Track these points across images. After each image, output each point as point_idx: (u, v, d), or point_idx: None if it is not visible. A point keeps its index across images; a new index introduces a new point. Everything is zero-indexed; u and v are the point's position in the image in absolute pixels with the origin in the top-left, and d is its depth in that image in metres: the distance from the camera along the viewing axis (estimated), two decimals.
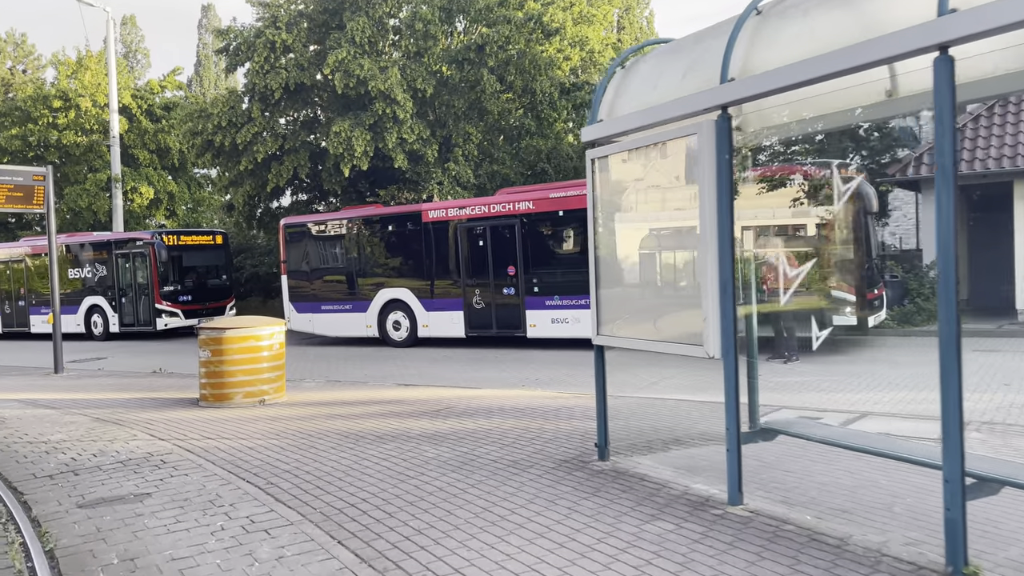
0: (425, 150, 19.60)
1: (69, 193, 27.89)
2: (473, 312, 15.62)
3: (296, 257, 18.28)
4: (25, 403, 10.21)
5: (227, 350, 9.33)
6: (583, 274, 14.66)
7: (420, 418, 8.12)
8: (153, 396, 10.54)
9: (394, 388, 10.68)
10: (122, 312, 21.95)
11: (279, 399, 9.66)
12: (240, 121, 19.63)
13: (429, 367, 13.51)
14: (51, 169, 13.84)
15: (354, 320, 17.32)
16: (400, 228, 16.76)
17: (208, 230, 23.61)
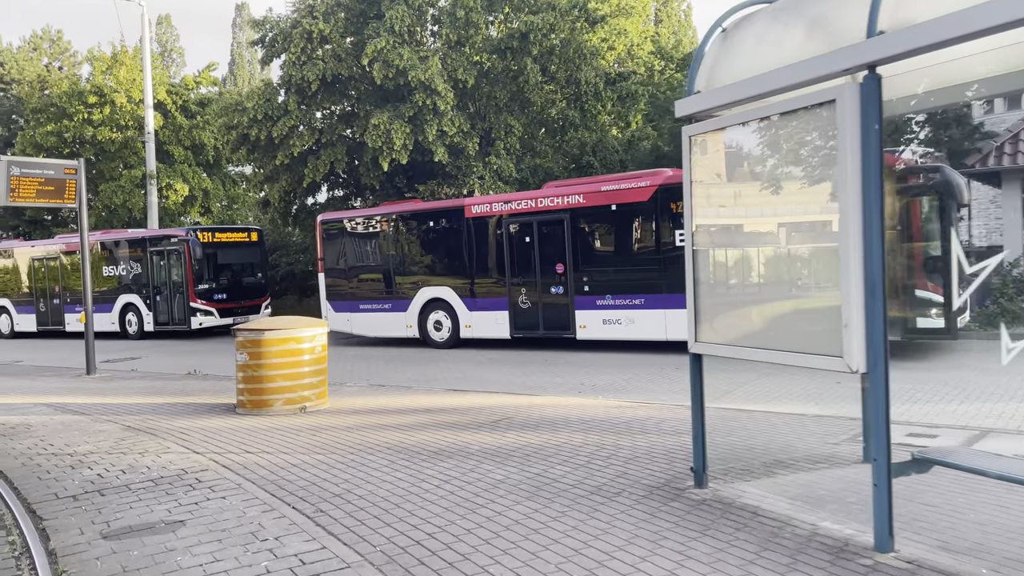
0: (465, 143, 18.87)
1: (104, 190, 27.66)
2: (519, 312, 14.85)
3: (333, 254, 17.65)
4: (54, 408, 9.65)
5: (266, 353, 8.65)
6: (638, 272, 13.86)
7: (478, 430, 7.36)
8: (187, 401, 9.92)
9: (443, 394, 9.94)
10: (156, 311, 21.54)
11: (321, 406, 8.97)
12: (276, 114, 19.07)
13: (475, 370, 12.76)
14: (83, 162, 13.33)
15: (394, 320, 16.64)
16: (441, 224, 16.04)
17: (243, 227, 23.14)
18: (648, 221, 13.32)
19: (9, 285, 24.72)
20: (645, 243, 13.42)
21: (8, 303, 24.63)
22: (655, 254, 13.21)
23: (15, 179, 12.32)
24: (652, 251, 13.30)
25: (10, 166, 12.26)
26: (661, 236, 13.12)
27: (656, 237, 13.20)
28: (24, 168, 12.46)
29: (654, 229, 13.23)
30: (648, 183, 13.20)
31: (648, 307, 13.25)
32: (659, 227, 13.14)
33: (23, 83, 33.10)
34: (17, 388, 11.84)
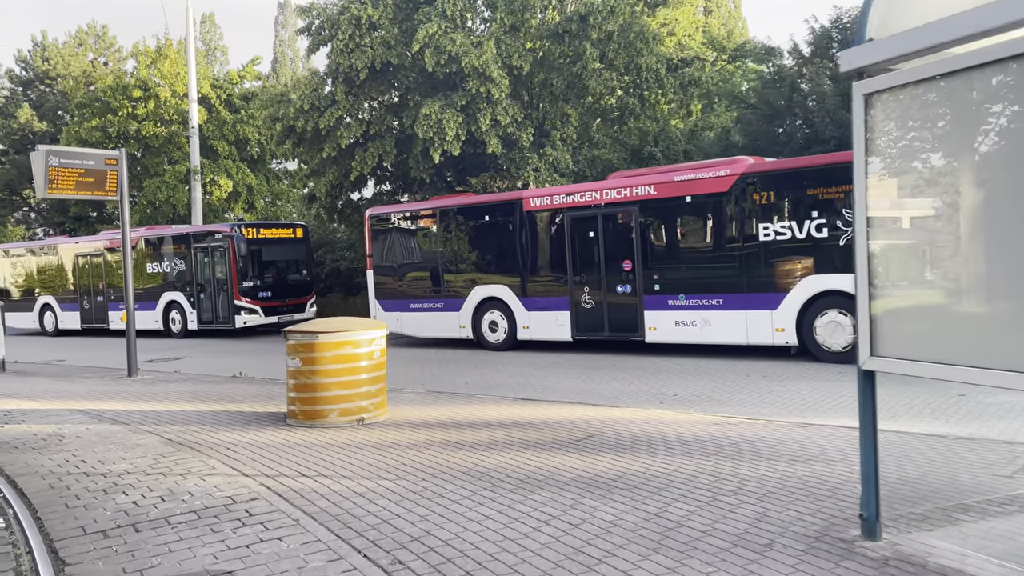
0: (520, 134, 17.89)
1: (148, 186, 27.30)
2: (581, 312, 13.82)
3: (383, 251, 16.81)
4: (91, 415, 8.90)
5: (320, 358, 7.77)
6: (716, 269, 12.70)
7: (564, 450, 6.36)
8: (233, 409, 9.09)
9: (511, 404, 8.97)
10: (200, 309, 20.97)
11: (380, 418, 8.06)
12: (323, 105, 18.29)
13: (537, 375, 11.78)
14: (124, 152, 12.65)
15: (446, 320, 15.73)
16: (497, 218, 15.07)
17: (288, 223, 22.47)
18: (728, 213, 12.19)
19: (53, 282, 24.43)
20: (724, 237, 12.30)
21: (52, 300, 24.35)
22: (735, 250, 12.09)
23: (54, 170, 11.67)
24: (732, 246, 12.17)
25: (48, 156, 11.61)
26: (742, 230, 11.99)
27: (737, 231, 12.08)
28: (63, 158, 11.81)
29: (734, 222, 12.10)
30: (728, 172, 12.08)
31: (727, 308, 12.13)
32: (740, 220, 12.01)
33: (68, 78, 33.00)
34: (55, 391, 11.18)
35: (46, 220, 36.07)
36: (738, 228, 12.05)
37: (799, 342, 11.58)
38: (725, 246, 12.25)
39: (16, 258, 25.64)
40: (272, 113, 19.81)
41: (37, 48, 34.21)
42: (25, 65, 34.64)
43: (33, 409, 9.44)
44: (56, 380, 12.69)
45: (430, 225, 16.09)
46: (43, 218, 36.43)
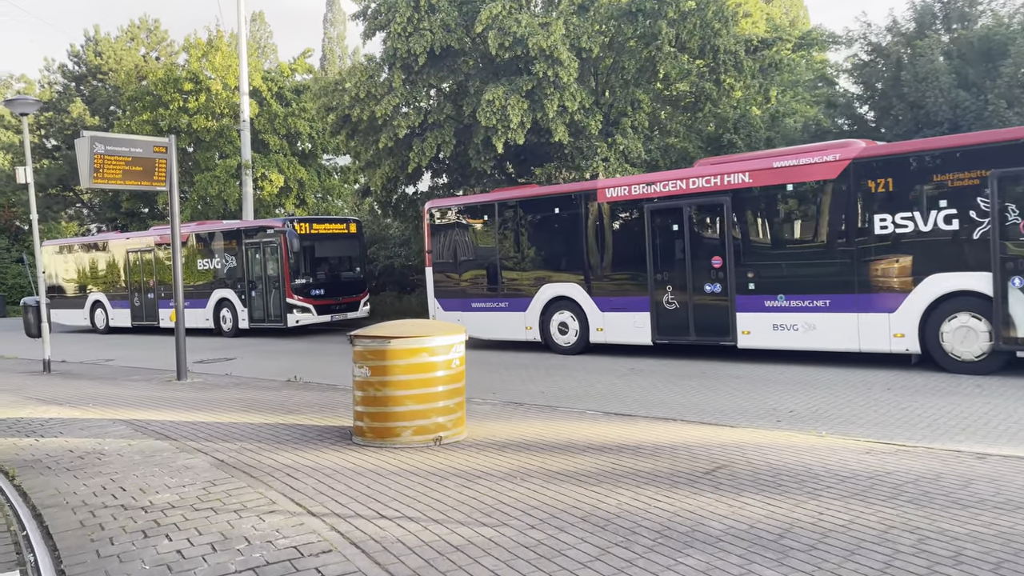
0: (588, 121, 16.69)
1: (199, 180, 26.78)
2: (663, 314, 12.57)
3: (443, 246, 15.77)
4: (136, 427, 7.98)
5: (392, 367, 6.69)
6: (821, 266, 11.03)
7: (695, 487, 5.17)
8: (291, 421, 8.09)
9: (604, 420, 7.80)
10: (252, 307, 20.22)
11: (459, 436, 6.97)
12: (379, 93, 17.33)
13: (619, 384, 10.58)
14: (173, 139, 11.80)
15: (511, 320, 14.61)
16: (569, 210, 13.89)
17: (342, 218, 21.62)
18: (836, 203, 10.82)
19: (104, 279, 24.00)
20: (833, 230, 10.93)
21: (103, 297, 23.91)
22: (846, 244, 10.71)
23: (99, 158, 10.85)
24: (841, 240, 10.80)
25: (94, 143, 10.79)
26: (854, 221, 10.61)
27: (848, 223, 10.70)
28: (109, 145, 10.99)
29: (845, 213, 10.72)
30: (838, 156, 10.71)
31: (835, 309, 10.76)
32: (852, 210, 10.63)
33: (120, 73, 32.78)
34: (100, 397, 10.36)
35: (98, 216, 36.00)
36: (850, 220, 10.67)
37: (921, 350, 10.17)
38: (834, 240, 10.88)
39: (67, 254, 25.31)
40: (326, 103, 18.93)
41: (90, 43, 34.11)
42: (78, 60, 34.57)
43: (73, 419, 8.58)
44: (101, 383, 11.92)
45: (494, 218, 14.99)
46: (95, 214, 36.39)
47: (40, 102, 13.06)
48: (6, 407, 9.56)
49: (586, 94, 16.64)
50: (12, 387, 11.54)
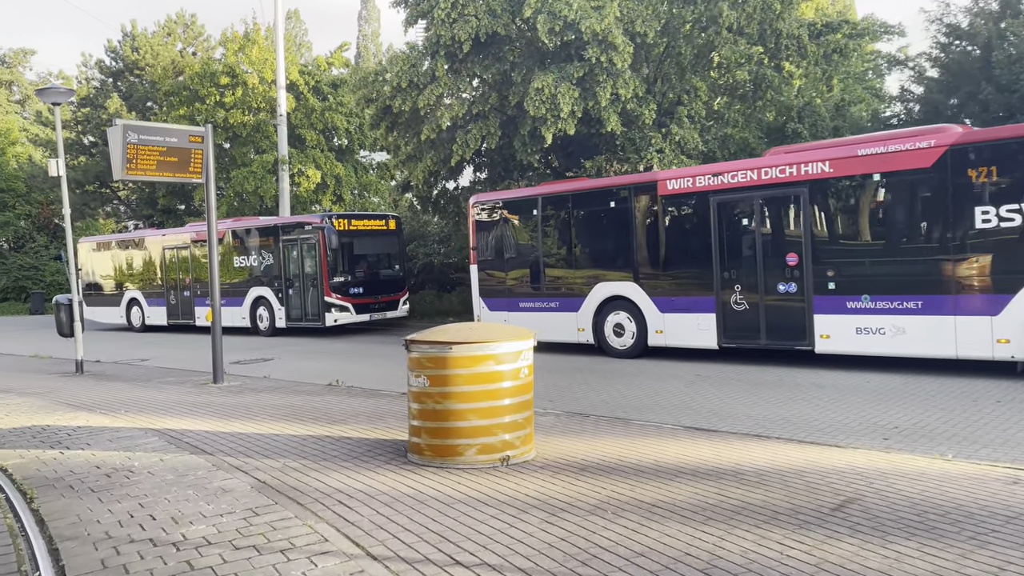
0: (641, 110, 15.77)
1: (236, 176, 26.32)
2: (731, 315, 11.63)
3: (488, 243, 14.98)
4: (169, 438, 7.29)
5: (454, 377, 5.90)
6: (913, 264, 9.62)
7: (826, 528, 4.29)
8: (337, 433, 7.34)
9: (685, 435, 6.92)
10: (289, 305, 19.62)
11: (527, 455, 6.15)
12: (421, 82, 16.57)
13: (689, 393, 9.68)
14: (210, 129, 11.15)
15: (562, 321, 13.76)
16: (625, 203, 13.01)
17: (380, 214, 20.98)
18: (931, 194, 9.82)
19: (140, 276, 23.62)
20: (926, 224, 9.93)
21: (139, 295, 23.54)
22: (942, 240, 9.70)
23: (132, 148, 10.22)
24: (936, 236, 9.79)
25: (127, 132, 10.16)
26: (952, 214, 9.59)
27: (943, 216, 9.68)
28: (143, 135, 10.36)
29: (941, 205, 9.71)
30: (933, 143, 9.68)
31: (928, 312, 9.75)
32: (948, 202, 9.61)
33: (156, 68, 32.53)
34: (132, 401, 9.73)
35: (134, 213, 35.88)
36: (946, 212, 9.65)
37: None
38: (928, 235, 9.87)
39: (104, 251, 25.00)
40: (365, 94, 18.24)
41: (127, 38, 33.94)
42: (115, 55, 34.43)
43: (103, 427, 7.93)
44: (135, 386, 11.32)
45: (544, 213, 14.16)
46: (132, 210, 36.27)
47: (72, 92, 12.53)
48: (34, 413, 8.97)
49: (639, 82, 15.72)
50: (43, 390, 10.98)
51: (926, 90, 15.02)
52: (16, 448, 7.08)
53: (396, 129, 18.64)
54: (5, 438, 7.58)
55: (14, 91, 44.66)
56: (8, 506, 5.36)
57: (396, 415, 8.24)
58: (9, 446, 7.20)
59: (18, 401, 9.87)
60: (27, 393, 10.63)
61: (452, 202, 20.72)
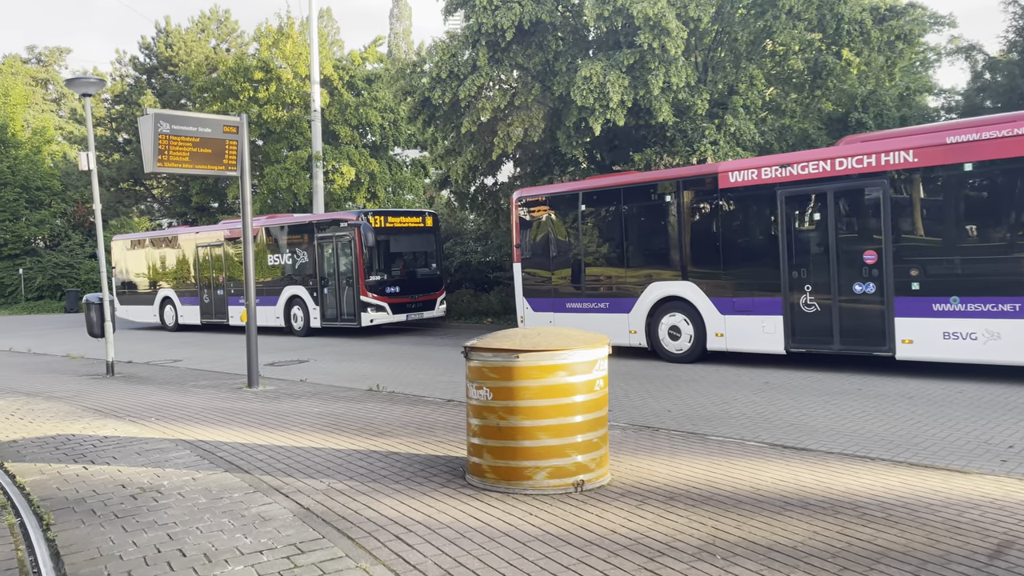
0: (694, 100, 14.91)
1: (269, 173, 25.90)
2: (799, 317, 10.76)
3: (533, 240, 14.25)
4: (201, 451, 6.66)
5: (522, 390, 5.18)
6: (1009, 262, 8.49)
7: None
8: (384, 447, 6.66)
9: (777, 455, 6.13)
10: (324, 304, 19.07)
11: (603, 479, 5.41)
12: (462, 72, 15.87)
13: (760, 402, 8.85)
14: (245, 118, 10.55)
15: (612, 323, 12.98)
16: (682, 197, 12.20)
17: (417, 210, 20.33)
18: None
19: (174, 274, 23.26)
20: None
21: (173, 293, 23.17)
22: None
23: (164, 138, 9.66)
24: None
25: (158, 121, 9.60)
26: None
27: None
28: (175, 124, 9.79)
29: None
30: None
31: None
32: None
33: (190, 64, 32.28)
34: (163, 407, 9.15)
35: (168, 210, 35.74)
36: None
37: None
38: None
39: (137, 249, 24.71)
40: (403, 86, 17.59)
41: (160, 35, 33.77)
42: (149, 52, 34.28)
43: (131, 438, 7.33)
44: (166, 390, 10.76)
45: (593, 208, 13.39)
46: (165, 208, 36.14)
47: (103, 82, 12.04)
48: (60, 420, 8.42)
49: (691, 70, 14.87)
50: (70, 393, 10.47)
51: (1007, 75, 13.98)
52: (37, 462, 6.50)
53: (434, 123, 17.97)
54: (27, 449, 7.02)
55: (50, 90, 44.91)
56: (22, 534, 4.75)
57: (445, 426, 7.55)
58: (30, 458, 6.63)
59: (44, 406, 9.35)
60: (54, 397, 10.13)
61: (491, 198, 20.02)
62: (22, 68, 41.67)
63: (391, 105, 28.03)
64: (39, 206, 36.31)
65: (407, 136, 28.93)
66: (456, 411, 8.37)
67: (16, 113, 36.54)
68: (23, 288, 34.42)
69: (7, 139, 35.56)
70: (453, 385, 10.88)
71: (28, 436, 7.59)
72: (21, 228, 35.19)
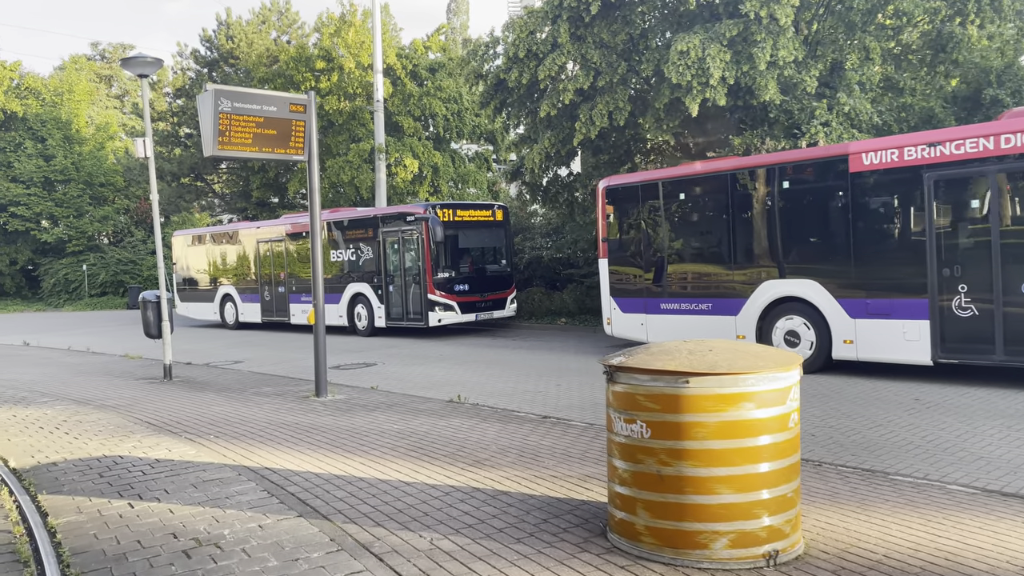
0: (801, 76, 13.33)
1: (331, 166, 25.02)
2: (952, 322, 9.16)
3: (622, 233, 12.88)
4: (269, 484, 5.51)
5: (694, 428, 3.84)
6: None
7: None
8: (487, 482, 5.40)
9: (1004, 506, 4.67)
10: (389, 303, 18.01)
11: (797, 548, 4.03)
12: (541, 51, 14.56)
13: (920, 424, 7.34)
14: (313, 95, 9.43)
15: (715, 326, 11.54)
16: (803, 183, 10.69)
17: (486, 203, 19.11)
18: None
19: (234, 271, 22.53)
20: None
21: (233, 291, 22.44)
22: None
23: (225, 117, 8.58)
24: None
25: (219, 98, 8.53)
26: None
27: None
28: (237, 102, 8.71)
29: None
30: None
31: None
32: None
33: (251, 56, 31.71)
34: (224, 421, 8.08)
35: (228, 206, 35.34)
36: None
37: None
38: None
39: (198, 245, 24.09)
40: (474, 68, 16.37)
41: (222, 27, 33.32)
42: (210, 45, 33.88)
43: (187, 462, 6.23)
44: (227, 397, 9.73)
45: (694, 197, 11.96)
46: (226, 203, 35.76)
47: (160, 61, 11.11)
48: (108, 435, 7.40)
49: (799, 43, 13.28)
50: (124, 402, 9.51)
51: None
52: (76, 494, 5.43)
53: (506, 108, 16.70)
54: (67, 475, 5.97)
55: (113, 86, 45.16)
56: None
57: (552, 453, 6.27)
58: (69, 489, 5.57)
59: (94, 418, 8.38)
60: (106, 406, 9.17)
61: (565, 189, 18.67)
62: (86, 64, 41.90)
63: (455, 95, 26.94)
64: (102, 202, 36.31)
65: (471, 128, 27.80)
66: (558, 432, 7.10)
67: (80, 109, 36.61)
68: (87, 284, 34.41)
69: (71, 135, 35.63)
70: (542, 396, 9.63)
71: (71, 457, 6.57)
72: (85, 224, 35.21)
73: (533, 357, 13.44)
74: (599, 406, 8.86)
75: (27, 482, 5.80)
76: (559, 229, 20.90)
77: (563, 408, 8.81)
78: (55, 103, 35.81)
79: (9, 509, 5.17)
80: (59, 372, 13.01)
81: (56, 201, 34.73)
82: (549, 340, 16.09)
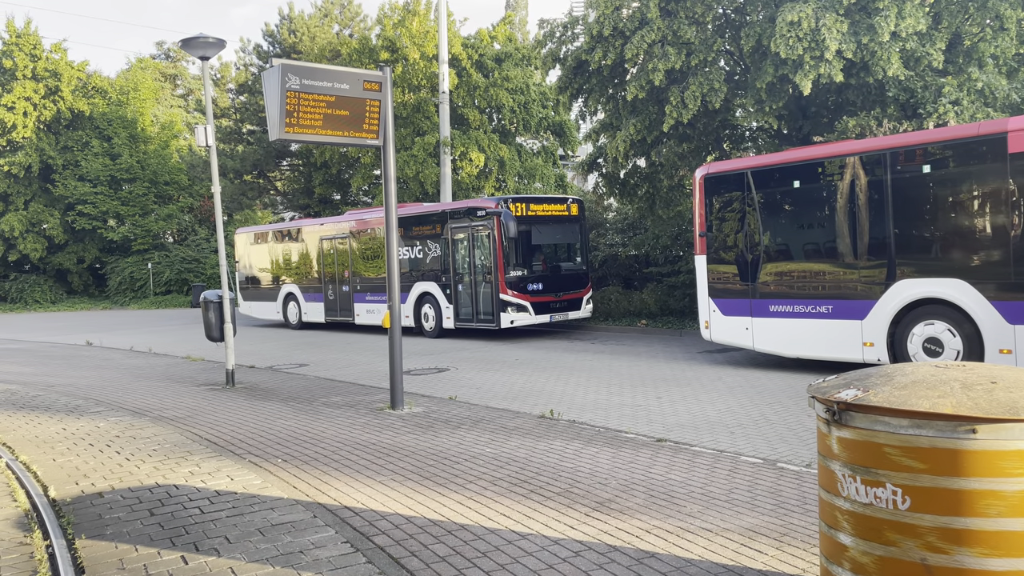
0: (926, 50, 11.79)
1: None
2: None
3: (725, 226, 11.55)
4: (351, 531, 4.44)
5: (980, 499, 2.60)
6: None
7: None
8: (624, 538, 4.23)
9: None
10: (458, 303, 16.99)
11: None
12: (628, 28, 13.32)
13: None
14: (389, 72, 8.39)
15: (837, 332, 10.14)
16: (943, 168, 9.23)
17: (560, 197, 17.92)
18: None
19: (297, 269, 21.84)
20: None
21: (296, 290, 21.75)
22: None
23: (293, 96, 7.61)
24: None
25: (285, 74, 7.56)
26: None
27: None
28: (306, 79, 7.73)
29: None
30: None
31: None
32: None
33: (313, 50, 31.19)
34: (291, 439, 7.10)
35: (291, 203, 34.96)
36: None
37: None
38: None
39: (261, 243, 23.52)
40: (552, 51, 15.20)
41: (284, 21, 32.92)
42: (272, 39, 33.54)
43: (251, 496, 5.22)
44: (293, 408, 8.77)
45: (809, 185, 10.57)
46: (288, 201, 35.40)
47: (223, 42, 10.27)
48: (163, 456, 6.48)
49: (924, 13, 11.75)
50: (182, 412, 8.65)
51: None
52: (120, 540, 4.46)
53: (584, 94, 15.48)
54: (112, 511, 5.02)
55: (178, 86, 45.42)
56: None
57: (690, 493, 5.08)
58: (112, 532, 4.60)
59: (150, 433, 7.49)
60: (164, 418, 8.31)
61: (646, 181, 17.36)
62: (151, 63, 42.15)
63: (521, 86, 25.85)
64: (167, 200, 36.36)
65: (538, 120, 26.67)
66: (684, 461, 5.89)
67: (145, 108, 36.72)
68: (151, 282, 34.44)
69: (137, 134, 35.73)
70: (644, 412, 8.42)
71: (120, 485, 5.64)
72: (150, 223, 35.27)
73: (618, 363, 12.24)
74: (716, 426, 7.63)
75: (66, 519, 4.86)
76: (635, 224, 19.60)
77: (674, 428, 7.60)
78: (121, 102, 35.96)
79: (40, 559, 4.22)
80: (118, 376, 12.32)
81: (122, 200, 34.86)
82: (631, 344, 14.84)
